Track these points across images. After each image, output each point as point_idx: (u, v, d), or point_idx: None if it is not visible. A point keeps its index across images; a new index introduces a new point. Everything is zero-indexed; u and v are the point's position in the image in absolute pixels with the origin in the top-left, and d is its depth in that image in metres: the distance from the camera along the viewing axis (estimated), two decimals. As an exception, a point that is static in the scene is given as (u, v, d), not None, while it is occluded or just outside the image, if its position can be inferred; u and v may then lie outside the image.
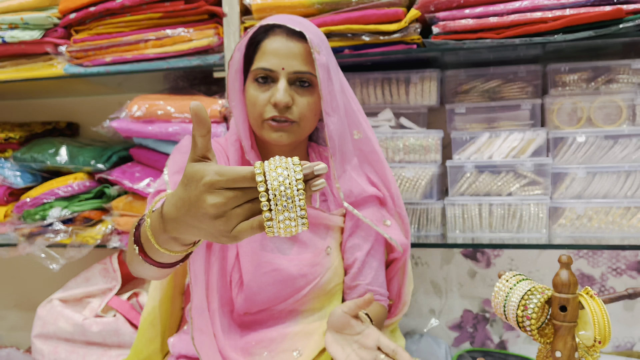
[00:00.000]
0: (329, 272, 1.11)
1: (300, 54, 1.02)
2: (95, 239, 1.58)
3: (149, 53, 1.49)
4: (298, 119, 1.04)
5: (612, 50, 1.43)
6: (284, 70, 1.01)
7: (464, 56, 1.44)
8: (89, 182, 1.63)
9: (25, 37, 1.55)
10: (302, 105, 1.03)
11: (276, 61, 1.01)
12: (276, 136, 1.04)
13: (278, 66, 1.01)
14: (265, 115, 1.03)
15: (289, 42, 1.02)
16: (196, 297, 1.01)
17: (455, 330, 1.75)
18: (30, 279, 2.05)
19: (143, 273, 0.84)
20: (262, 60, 1.02)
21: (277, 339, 1.07)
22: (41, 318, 1.56)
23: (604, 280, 1.63)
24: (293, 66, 1.01)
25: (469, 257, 1.72)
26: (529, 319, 0.72)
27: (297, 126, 1.05)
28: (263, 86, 1.03)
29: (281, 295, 1.09)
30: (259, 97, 1.03)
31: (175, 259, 0.76)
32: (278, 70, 1.01)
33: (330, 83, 1.04)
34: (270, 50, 1.02)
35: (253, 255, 1.06)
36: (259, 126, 1.05)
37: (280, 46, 1.01)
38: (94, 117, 1.85)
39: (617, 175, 1.38)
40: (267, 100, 1.02)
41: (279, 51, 1.01)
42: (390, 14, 1.32)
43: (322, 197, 1.15)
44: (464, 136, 1.47)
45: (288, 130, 1.04)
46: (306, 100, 1.04)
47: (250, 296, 1.07)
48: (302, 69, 1.02)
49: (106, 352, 1.51)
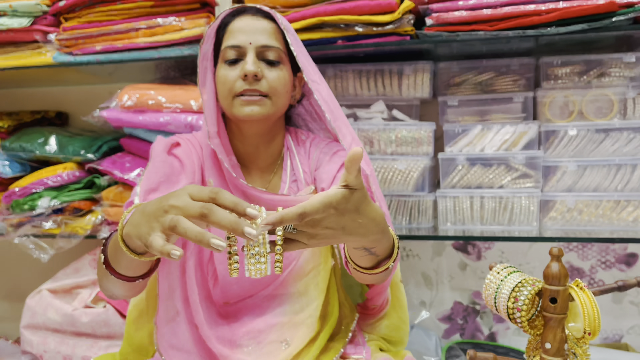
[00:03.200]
0: (304, 254, 1.10)
1: (267, 30, 1.05)
2: (85, 229, 1.56)
3: (140, 42, 1.47)
4: (269, 92, 1.04)
5: (604, 44, 1.43)
6: (252, 45, 1.03)
7: (457, 48, 1.44)
8: (78, 172, 1.61)
9: (13, 24, 1.52)
10: (272, 78, 1.04)
11: (244, 37, 1.04)
12: (248, 110, 1.03)
13: (245, 42, 1.03)
14: (236, 90, 1.03)
15: (255, 20, 1.05)
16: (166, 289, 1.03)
17: (445, 322, 1.76)
18: (19, 269, 2.03)
19: (113, 291, 0.90)
20: (230, 39, 1.05)
21: (265, 330, 1.06)
22: (30, 309, 1.55)
23: (593, 273, 1.64)
24: (260, 40, 1.04)
25: (460, 249, 1.72)
26: (519, 310, 0.72)
27: (269, 100, 1.05)
28: (232, 64, 1.05)
29: (258, 284, 1.08)
30: (228, 75, 1.04)
31: (139, 271, 0.83)
32: (245, 46, 1.03)
33: (305, 55, 1.07)
34: (237, 29, 1.05)
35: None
36: (229, 104, 1.05)
37: (247, 24, 1.05)
38: (84, 107, 1.83)
39: (607, 169, 1.39)
40: (237, 76, 1.03)
41: (245, 28, 1.04)
42: (383, 5, 1.31)
43: (292, 177, 1.14)
44: (456, 129, 1.47)
45: (260, 104, 1.04)
46: (276, 73, 1.05)
47: (226, 286, 1.07)
48: (270, 43, 1.04)
49: (96, 342, 1.50)
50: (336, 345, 1.11)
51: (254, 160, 1.14)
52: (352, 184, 0.66)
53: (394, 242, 0.84)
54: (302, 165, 1.14)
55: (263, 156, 1.13)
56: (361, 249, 0.79)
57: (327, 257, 1.14)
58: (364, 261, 0.83)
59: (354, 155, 0.63)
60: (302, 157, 1.16)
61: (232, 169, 1.06)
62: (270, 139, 1.13)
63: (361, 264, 0.85)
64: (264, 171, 1.15)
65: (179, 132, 1.47)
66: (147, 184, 1.02)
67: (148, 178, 1.03)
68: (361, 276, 0.89)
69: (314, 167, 1.14)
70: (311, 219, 0.66)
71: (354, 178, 0.66)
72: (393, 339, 1.23)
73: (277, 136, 1.14)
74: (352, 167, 0.65)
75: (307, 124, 1.26)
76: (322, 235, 0.69)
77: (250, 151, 1.13)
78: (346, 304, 1.21)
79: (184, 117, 1.46)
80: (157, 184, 1.01)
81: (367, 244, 0.76)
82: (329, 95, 1.10)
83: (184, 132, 1.46)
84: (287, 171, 1.13)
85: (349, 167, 0.65)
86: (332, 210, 0.66)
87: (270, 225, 0.64)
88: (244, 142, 1.12)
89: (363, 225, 0.71)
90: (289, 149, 1.16)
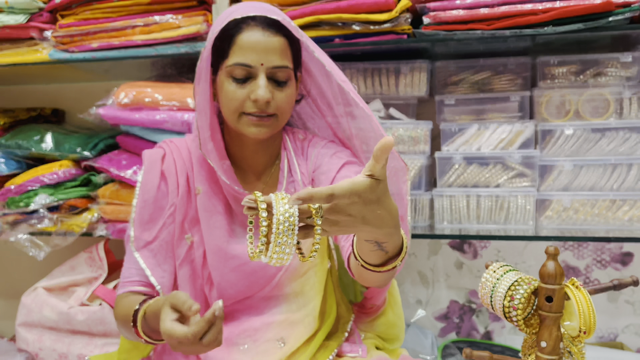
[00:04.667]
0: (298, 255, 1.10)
1: (279, 49, 1.00)
2: (81, 227, 1.56)
3: (137, 39, 1.46)
4: (276, 112, 1.02)
5: (601, 44, 1.43)
6: (263, 66, 0.99)
7: (454, 47, 1.44)
8: (74, 170, 1.61)
9: (9, 21, 1.52)
10: (281, 99, 1.02)
11: (255, 57, 0.98)
12: (255, 130, 1.02)
13: (257, 62, 0.98)
14: (245, 110, 1.01)
15: (266, 35, 0.99)
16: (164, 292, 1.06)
17: (441, 320, 1.77)
18: (15, 267, 2.03)
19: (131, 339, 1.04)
20: (239, 55, 0.99)
21: (261, 329, 1.06)
22: (26, 306, 1.54)
23: (589, 272, 1.65)
24: (272, 61, 0.99)
25: (456, 248, 1.72)
26: (515, 309, 0.72)
27: (276, 119, 1.03)
28: (241, 83, 1.01)
29: (254, 287, 1.08)
30: (237, 92, 1.00)
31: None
32: (257, 66, 0.99)
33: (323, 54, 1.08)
34: (247, 45, 0.98)
35: (219, 251, 1.06)
36: (235, 120, 1.03)
37: (258, 40, 0.98)
38: (80, 104, 1.83)
39: (603, 168, 1.39)
40: (246, 95, 1.00)
41: (257, 46, 0.98)
42: (381, 4, 1.31)
43: (289, 178, 1.14)
44: (453, 127, 1.47)
45: (268, 125, 1.02)
46: (284, 94, 1.02)
47: (222, 291, 1.07)
48: (282, 63, 1.00)
49: (91, 340, 1.50)
50: (332, 344, 1.11)
51: (250, 162, 1.13)
52: (378, 174, 0.66)
53: (404, 241, 0.84)
54: (299, 167, 1.14)
55: (260, 159, 1.13)
56: (373, 242, 0.78)
57: (323, 259, 1.14)
58: (373, 257, 0.82)
59: (385, 145, 0.63)
60: (300, 158, 1.15)
61: (225, 175, 1.05)
62: (269, 143, 1.12)
63: (370, 261, 0.84)
64: (261, 172, 1.14)
65: (175, 130, 1.47)
66: (139, 218, 1.07)
67: (140, 214, 1.07)
68: (366, 275, 0.88)
69: (312, 169, 1.13)
70: (336, 204, 0.66)
71: (380, 168, 0.65)
72: (389, 337, 1.23)
73: (275, 138, 1.14)
74: (381, 156, 0.64)
75: (304, 122, 1.25)
76: (343, 222, 0.68)
77: (247, 155, 1.12)
78: (342, 303, 1.21)
79: (180, 114, 1.45)
80: (149, 217, 1.07)
81: (381, 237, 0.76)
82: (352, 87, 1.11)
83: (180, 130, 1.46)
84: (285, 172, 1.13)
85: (378, 155, 0.64)
86: (357, 198, 0.65)
87: (301, 201, 0.62)
88: (242, 147, 1.11)
89: (381, 217, 0.70)
90: (287, 149, 1.15)
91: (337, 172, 1.07)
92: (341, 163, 1.09)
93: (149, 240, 1.06)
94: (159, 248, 1.07)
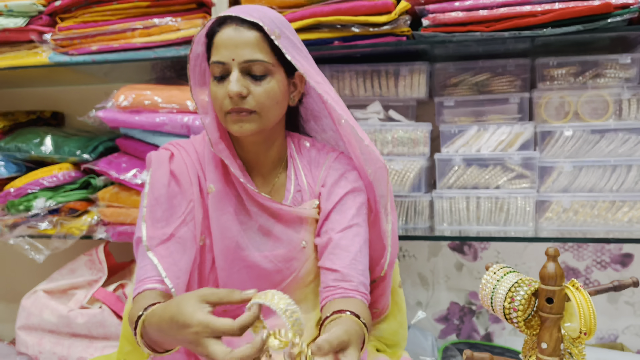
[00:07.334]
0: (306, 265, 1.10)
1: (251, 42, 0.99)
2: (81, 229, 1.56)
3: (136, 42, 1.47)
4: (256, 108, 1.01)
5: (599, 45, 1.44)
6: (234, 61, 0.99)
7: (454, 49, 1.44)
8: (74, 173, 1.61)
9: (9, 24, 1.52)
10: (259, 93, 1.01)
11: (226, 53, 0.99)
12: (237, 127, 1.02)
13: (228, 57, 0.99)
14: (225, 108, 1.01)
15: (238, 32, 0.99)
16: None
17: (441, 322, 1.77)
18: (15, 270, 2.03)
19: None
20: (215, 54, 1.01)
21: None
22: (25, 309, 1.54)
23: (589, 273, 1.65)
24: (243, 55, 0.99)
25: (456, 249, 1.72)
26: (515, 310, 0.72)
27: (257, 116, 1.02)
28: (220, 81, 1.02)
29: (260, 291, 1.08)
30: (218, 92, 1.01)
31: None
32: (229, 62, 1.00)
33: (305, 57, 1.04)
34: (220, 43, 1.00)
35: (227, 253, 1.06)
36: (223, 120, 1.04)
37: (229, 37, 1.00)
38: (80, 107, 1.82)
39: (603, 170, 1.40)
40: (225, 93, 1.01)
41: (228, 43, 1.00)
42: (380, 6, 1.31)
43: (296, 187, 1.14)
44: (453, 129, 1.47)
45: (247, 120, 1.01)
46: (262, 88, 1.01)
47: None
48: (253, 57, 0.99)
49: (92, 343, 1.50)
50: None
51: (254, 165, 1.13)
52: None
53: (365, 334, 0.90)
54: (305, 177, 1.13)
55: (263, 162, 1.12)
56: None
57: None
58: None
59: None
60: (305, 167, 1.14)
61: (239, 173, 1.06)
62: (268, 145, 1.12)
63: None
64: (266, 176, 1.14)
65: (175, 133, 1.47)
66: (152, 216, 1.04)
67: (152, 211, 1.04)
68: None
69: (320, 183, 1.12)
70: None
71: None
72: (390, 342, 1.23)
73: (276, 141, 1.13)
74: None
75: (308, 125, 1.24)
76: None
77: (250, 157, 1.12)
78: None
79: (180, 117, 1.45)
80: (161, 214, 1.04)
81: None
82: (336, 94, 1.09)
83: (180, 133, 1.46)
84: (292, 180, 1.13)
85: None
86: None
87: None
88: (243, 149, 1.11)
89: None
90: (292, 157, 1.15)
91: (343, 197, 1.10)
92: (345, 191, 1.10)
93: (164, 238, 1.03)
94: (176, 245, 1.04)
